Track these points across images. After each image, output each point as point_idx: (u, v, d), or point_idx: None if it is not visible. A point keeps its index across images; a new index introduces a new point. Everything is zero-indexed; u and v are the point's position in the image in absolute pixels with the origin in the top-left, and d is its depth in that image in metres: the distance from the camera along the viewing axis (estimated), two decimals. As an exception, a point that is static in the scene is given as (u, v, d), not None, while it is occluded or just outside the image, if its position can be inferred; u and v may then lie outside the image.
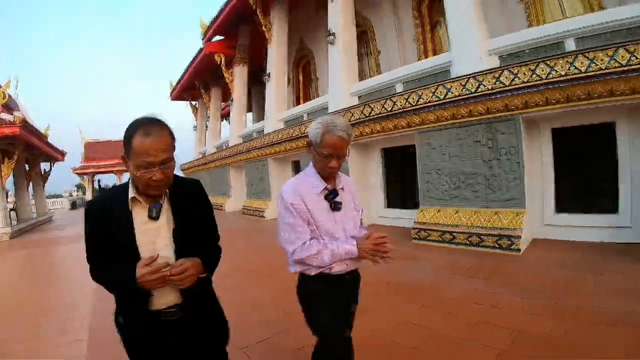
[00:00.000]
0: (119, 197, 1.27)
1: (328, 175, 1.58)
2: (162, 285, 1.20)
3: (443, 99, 5.28)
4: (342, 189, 1.65)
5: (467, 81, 4.96)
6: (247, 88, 14.51)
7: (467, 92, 4.96)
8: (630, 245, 4.30)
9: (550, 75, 4.27)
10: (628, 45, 3.86)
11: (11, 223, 12.20)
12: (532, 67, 4.39)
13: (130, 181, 1.29)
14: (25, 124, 11.47)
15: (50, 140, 16.12)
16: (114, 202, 1.27)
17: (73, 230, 12.66)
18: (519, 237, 4.56)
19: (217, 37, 13.33)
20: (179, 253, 1.28)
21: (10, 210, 13.22)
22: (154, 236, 1.27)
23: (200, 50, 13.60)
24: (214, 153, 15.38)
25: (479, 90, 4.84)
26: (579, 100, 4.24)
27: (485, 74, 4.78)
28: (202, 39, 13.35)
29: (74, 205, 27.88)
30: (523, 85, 4.47)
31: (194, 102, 20.02)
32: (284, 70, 11.17)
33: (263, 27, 10.82)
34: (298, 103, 12.86)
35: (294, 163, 10.61)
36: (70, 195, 32.43)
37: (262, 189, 11.22)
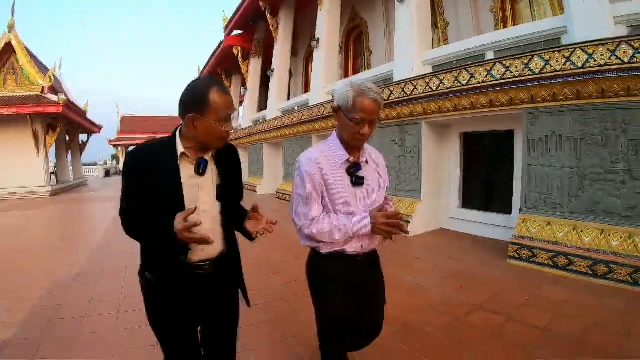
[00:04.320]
0: (165, 151, 1.28)
1: (357, 143, 1.44)
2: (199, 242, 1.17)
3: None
4: (367, 162, 1.52)
5: (382, 90, 5.80)
6: (263, 78, 15.77)
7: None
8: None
9: (439, 88, 5.02)
10: (504, 60, 4.31)
11: (51, 183, 14.86)
12: (427, 80, 5.17)
13: (177, 137, 1.30)
14: (67, 104, 13.65)
15: (90, 111, 18.58)
16: (160, 155, 1.27)
17: (104, 193, 15.33)
18: (408, 222, 5.41)
19: (237, 32, 14.70)
20: (223, 208, 1.37)
21: (51, 173, 16.08)
22: (197, 191, 1.30)
23: (222, 42, 15.06)
24: (231, 133, 16.98)
25: (391, 98, 5.70)
26: (465, 110, 4.92)
27: (394, 85, 5.62)
28: (224, 32, 14.80)
29: (107, 174, 30.42)
30: (419, 95, 5.27)
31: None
32: (286, 65, 12.34)
33: (271, 27, 12.00)
34: (306, 91, 13.94)
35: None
36: (105, 164, 35.03)
37: (259, 168, 12.81)
